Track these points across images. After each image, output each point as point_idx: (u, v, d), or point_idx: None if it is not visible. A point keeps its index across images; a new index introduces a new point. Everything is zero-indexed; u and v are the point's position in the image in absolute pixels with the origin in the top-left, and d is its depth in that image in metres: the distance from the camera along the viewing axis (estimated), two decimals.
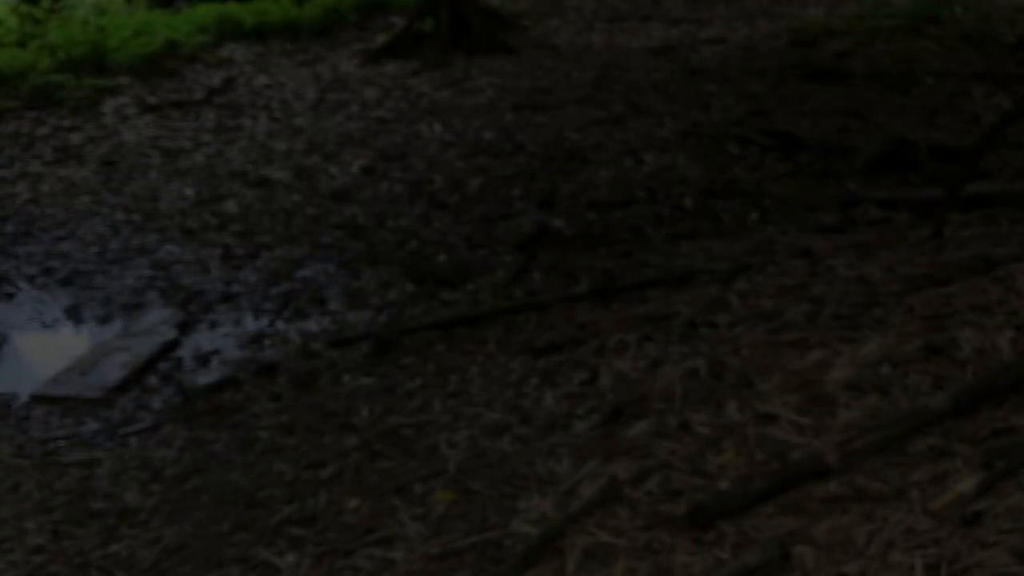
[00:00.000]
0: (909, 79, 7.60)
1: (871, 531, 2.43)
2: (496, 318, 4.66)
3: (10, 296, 5.77)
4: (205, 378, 4.62)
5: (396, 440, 3.55)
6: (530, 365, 3.97)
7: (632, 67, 8.86)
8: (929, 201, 4.90)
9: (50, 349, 5.17)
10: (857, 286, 3.76)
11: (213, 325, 5.27)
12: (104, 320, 5.46)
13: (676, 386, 3.36)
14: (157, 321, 5.25)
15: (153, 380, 4.70)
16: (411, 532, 2.91)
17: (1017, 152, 5.79)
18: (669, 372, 3.49)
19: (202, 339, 5.12)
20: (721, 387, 3.29)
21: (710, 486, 2.73)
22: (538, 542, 2.59)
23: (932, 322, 3.32)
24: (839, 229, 5.12)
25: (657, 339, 3.83)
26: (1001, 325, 3.19)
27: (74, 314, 5.52)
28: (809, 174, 6.16)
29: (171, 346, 5.00)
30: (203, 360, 4.89)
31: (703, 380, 3.38)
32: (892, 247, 4.23)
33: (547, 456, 3.17)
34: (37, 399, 4.53)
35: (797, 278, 4.03)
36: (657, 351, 3.71)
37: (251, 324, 5.25)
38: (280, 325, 5.16)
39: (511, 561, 2.59)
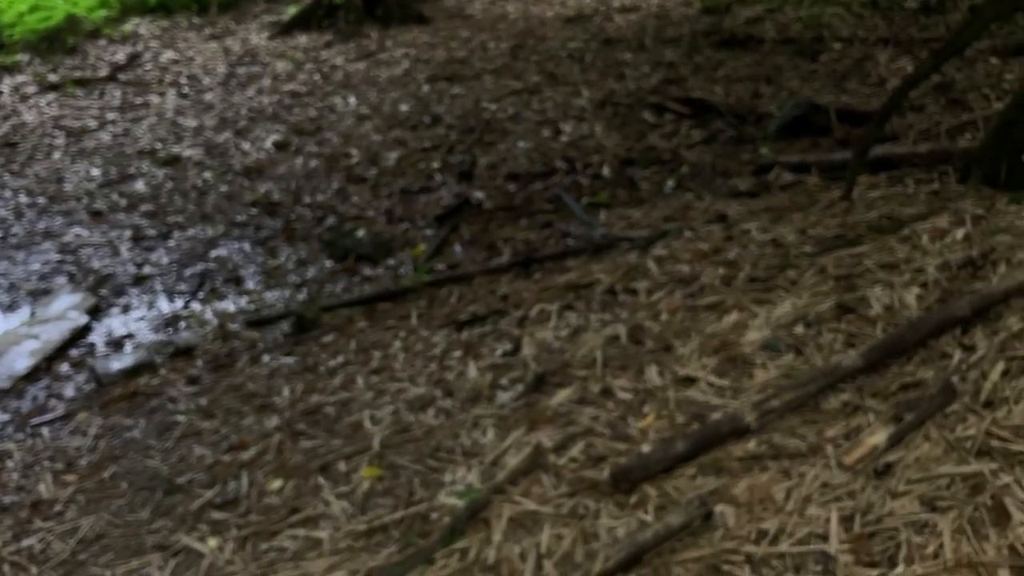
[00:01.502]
0: (818, 45, 7.74)
1: (789, 487, 2.49)
2: (418, 292, 4.63)
3: None
4: (119, 363, 4.48)
5: (319, 419, 3.51)
6: (453, 338, 3.96)
7: (547, 36, 8.84)
8: (839, 164, 5.01)
9: None
10: (771, 249, 3.83)
11: (126, 309, 5.13)
12: (10, 308, 5.26)
13: (597, 353, 3.38)
14: (67, 307, 5.08)
15: (64, 367, 4.56)
16: (336, 510, 2.88)
17: (922, 115, 5.95)
18: (590, 340, 3.51)
19: (115, 323, 4.97)
20: (641, 352, 3.33)
21: (633, 450, 2.76)
22: (464, 513, 2.59)
23: (843, 282, 3.40)
24: (753, 194, 5.21)
25: (578, 307, 3.85)
26: (909, 282, 3.28)
27: None
28: (723, 140, 6.25)
29: (82, 332, 4.85)
30: (116, 345, 4.75)
31: (624, 346, 3.42)
32: (804, 210, 4.32)
33: (472, 428, 3.17)
34: None
35: (713, 243, 4.08)
36: (578, 319, 3.73)
37: (165, 306, 5.12)
38: (196, 306, 5.05)
39: (438, 533, 2.59)
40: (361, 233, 5.51)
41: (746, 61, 7.60)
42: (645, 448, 2.74)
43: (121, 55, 9.61)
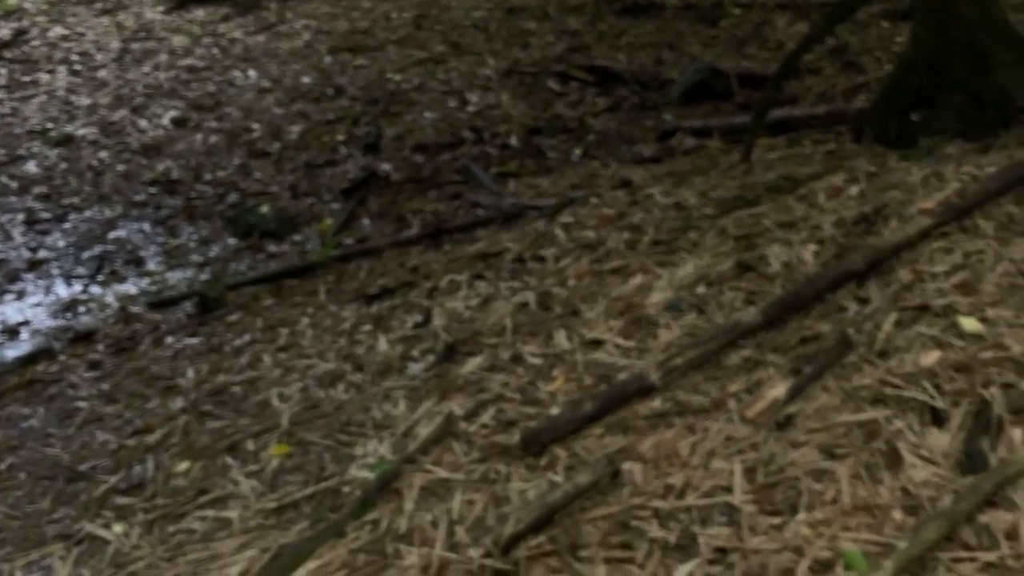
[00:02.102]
0: (718, 11, 7.84)
1: (694, 442, 2.54)
2: (326, 267, 4.57)
3: None
4: (15, 351, 4.33)
5: (225, 399, 3.44)
6: (363, 312, 3.92)
7: (451, 6, 8.75)
8: (740, 128, 5.11)
9: None
10: (674, 212, 3.89)
11: (21, 295, 4.93)
12: None
13: (507, 320, 3.39)
14: None
15: None
16: (245, 489, 2.84)
17: (819, 78, 6.10)
18: (500, 308, 3.52)
19: (9, 310, 4.78)
20: (550, 318, 3.35)
21: (542, 414, 2.78)
22: (375, 485, 2.57)
23: (743, 241, 3.47)
24: (657, 159, 5.28)
25: (488, 277, 3.85)
26: (805, 240, 3.37)
27: None
28: (628, 107, 6.31)
29: None
30: (12, 332, 4.57)
31: (533, 312, 3.43)
32: (705, 173, 4.39)
33: (383, 401, 3.15)
34: None
35: (618, 208, 4.12)
36: (488, 288, 3.74)
37: (63, 291, 4.94)
38: (95, 290, 4.88)
39: (349, 507, 2.57)
40: (265, 209, 5.40)
41: (648, 28, 7.66)
42: (554, 411, 2.77)
43: (6, 31, 9.17)
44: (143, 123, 6.95)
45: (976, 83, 3.98)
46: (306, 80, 7.40)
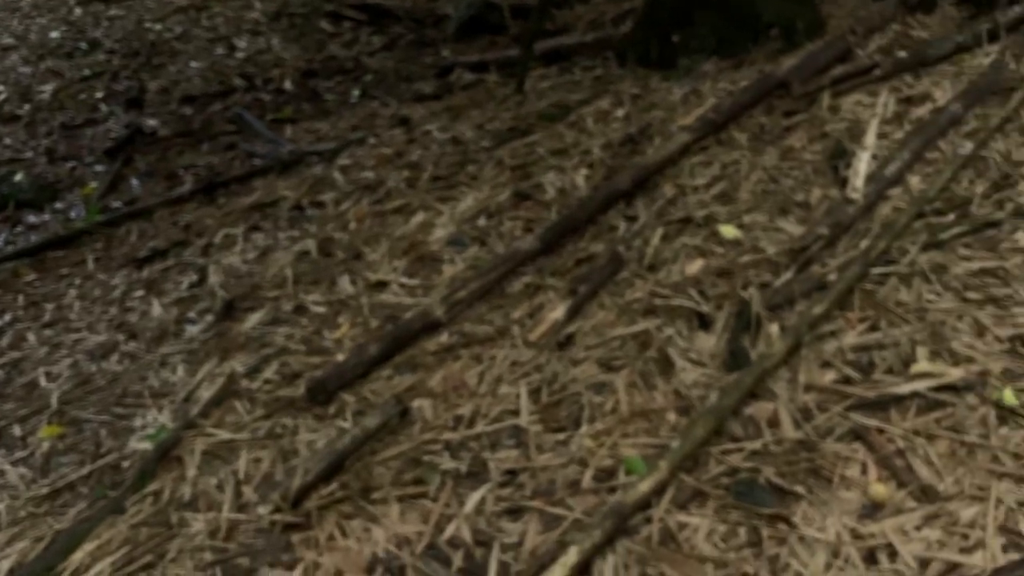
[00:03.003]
0: None
1: (481, 371, 2.56)
2: (93, 234, 4.26)
3: None
4: None
5: None
6: (134, 277, 3.70)
7: None
8: (515, 60, 5.12)
9: None
10: (451, 147, 3.87)
11: None
12: None
13: (288, 271, 3.29)
14: None
15: None
16: (14, 478, 2.63)
17: (589, 7, 6.20)
18: (280, 258, 3.40)
19: None
20: (332, 264, 3.27)
21: (329, 362, 2.73)
22: (154, 455, 2.45)
23: (519, 171, 3.51)
24: (437, 96, 5.22)
25: (265, 228, 3.71)
26: (577, 165, 3.44)
27: None
28: (404, 45, 6.20)
29: None
30: None
31: (315, 260, 3.34)
32: (481, 106, 4.39)
33: (160, 368, 2.99)
34: None
35: (396, 147, 4.06)
36: (266, 239, 3.60)
37: None
38: None
39: (129, 481, 2.43)
40: (19, 177, 4.95)
41: None
42: (340, 358, 2.72)
43: None
44: None
45: (727, 1, 4.16)
46: (54, 35, 6.81)
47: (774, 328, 2.47)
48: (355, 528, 2.14)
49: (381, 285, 3.07)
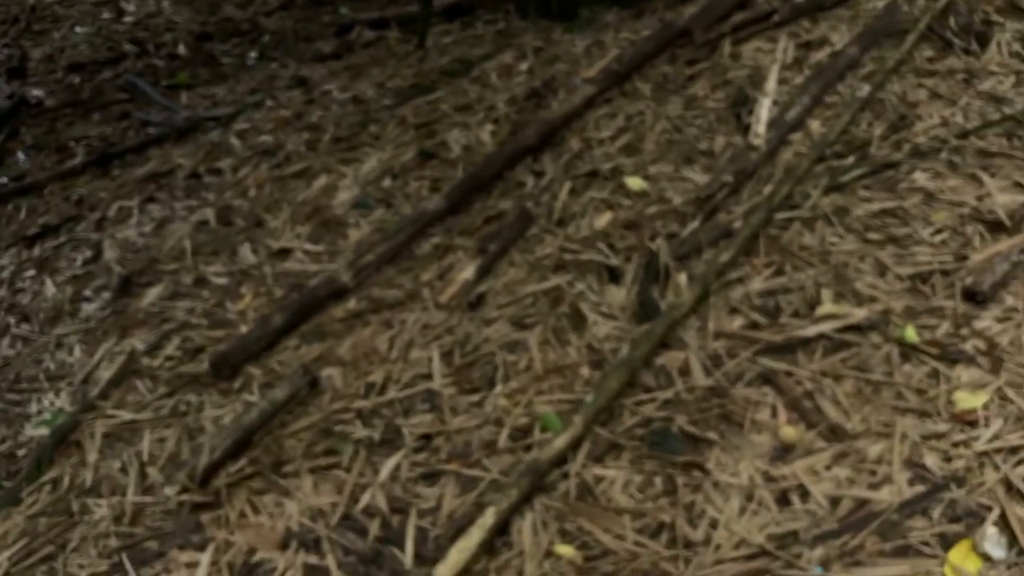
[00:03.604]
0: None
1: (391, 336, 2.51)
2: None
3: None
4: None
5: None
6: (24, 256, 3.52)
7: None
8: (416, 16, 5.01)
9: None
10: (352, 107, 3.77)
11: None
12: None
13: (186, 242, 3.17)
14: None
15: None
16: None
17: None
18: (177, 230, 3.27)
19: None
20: (233, 233, 3.17)
21: (232, 335, 2.64)
22: (50, 441, 2.34)
23: (423, 129, 3.44)
24: (337, 55, 5.08)
25: (161, 198, 3.57)
26: (482, 121, 3.38)
27: None
28: (302, 4, 5.99)
29: None
30: None
31: (214, 230, 3.23)
32: (382, 64, 4.28)
33: (56, 349, 2.86)
34: None
35: (295, 109, 3.94)
36: (162, 211, 3.47)
37: None
38: None
39: (25, 470, 2.32)
40: None
41: None
42: (244, 330, 2.63)
43: None
44: None
45: None
46: None
47: (682, 278, 2.47)
48: (267, 503, 2.09)
49: (284, 252, 2.98)
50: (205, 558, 1.97)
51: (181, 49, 5.60)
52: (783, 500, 1.90)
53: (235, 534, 2.02)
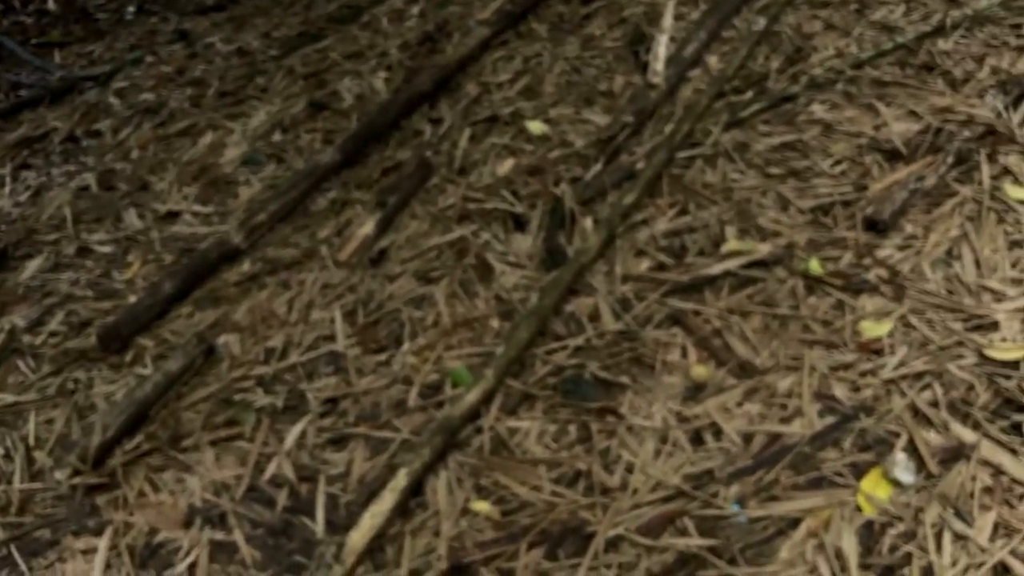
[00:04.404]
0: None
1: (290, 298, 2.41)
2: None
3: None
4: None
5: None
6: None
7: None
8: None
9: None
10: (237, 59, 3.59)
11: None
12: None
13: (66, 210, 2.98)
14: None
15: None
16: None
17: None
18: (56, 197, 3.07)
19: None
20: (116, 198, 2.99)
21: (121, 306, 2.50)
22: None
23: (313, 79, 3.29)
24: (219, 7, 4.83)
25: (36, 164, 3.34)
26: (375, 68, 3.26)
27: None
28: None
29: None
30: None
31: (96, 195, 3.04)
32: (267, 13, 4.09)
33: None
34: None
35: (177, 64, 3.73)
36: (38, 177, 3.25)
37: None
38: None
39: None
40: None
41: None
42: (133, 300, 2.49)
43: None
44: None
45: None
46: None
47: (588, 222, 2.43)
48: (167, 480, 1.99)
49: (172, 216, 2.83)
50: (103, 543, 1.86)
51: (51, 5, 5.26)
52: (697, 440, 1.90)
53: (134, 515, 1.92)
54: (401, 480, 1.83)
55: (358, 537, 1.76)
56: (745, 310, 2.12)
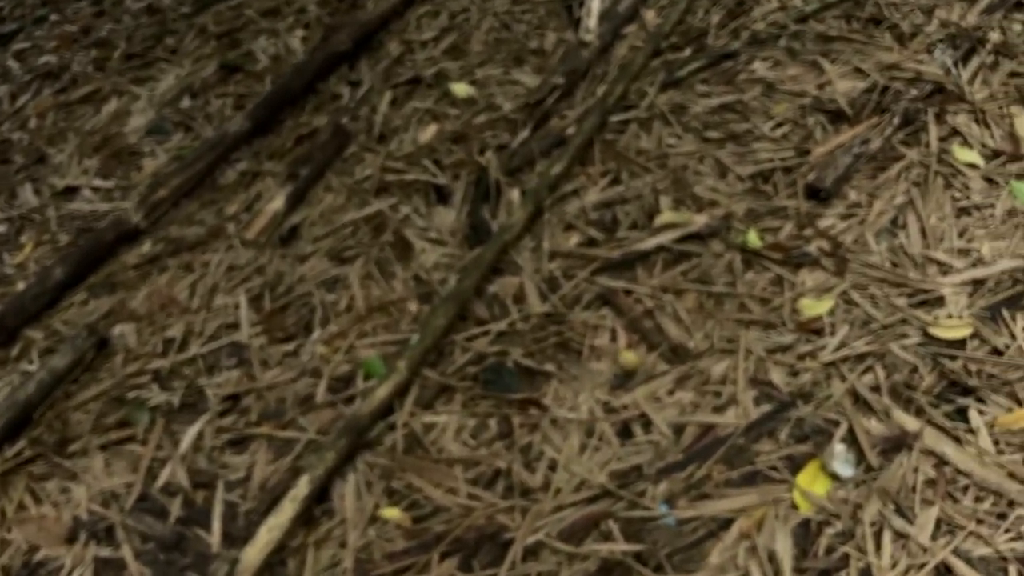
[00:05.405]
0: None
1: (192, 282, 2.23)
2: None
3: None
4: None
5: None
6: None
7: None
8: None
9: None
10: (146, 17, 3.33)
11: None
12: None
13: None
14: None
15: None
16: None
17: None
18: None
19: None
20: (10, 172, 2.76)
21: (9, 293, 2.30)
22: None
23: (226, 39, 3.06)
24: None
25: None
26: (292, 26, 3.04)
27: None
28: None
29: None
30: None
31: None
32: None
33: None
34: None
35: (82, 23, 3.46)
36: None
37: None
38: None
39: None
40: None
41: None
42: (20, 288, 2.29)
43: None
44: None
45: None
46: None
47: (514, 194, 2.26)
48: (51, 491, 1.82)
49: (71, 191, 2.62)
50: None
51: None
52: (625, 432, 1.76)
53: (12, 531, 1.75)
54: (302, 489, 1.68)
55: (254, 553, 1.60)
56: (679, 288, 1.98)
